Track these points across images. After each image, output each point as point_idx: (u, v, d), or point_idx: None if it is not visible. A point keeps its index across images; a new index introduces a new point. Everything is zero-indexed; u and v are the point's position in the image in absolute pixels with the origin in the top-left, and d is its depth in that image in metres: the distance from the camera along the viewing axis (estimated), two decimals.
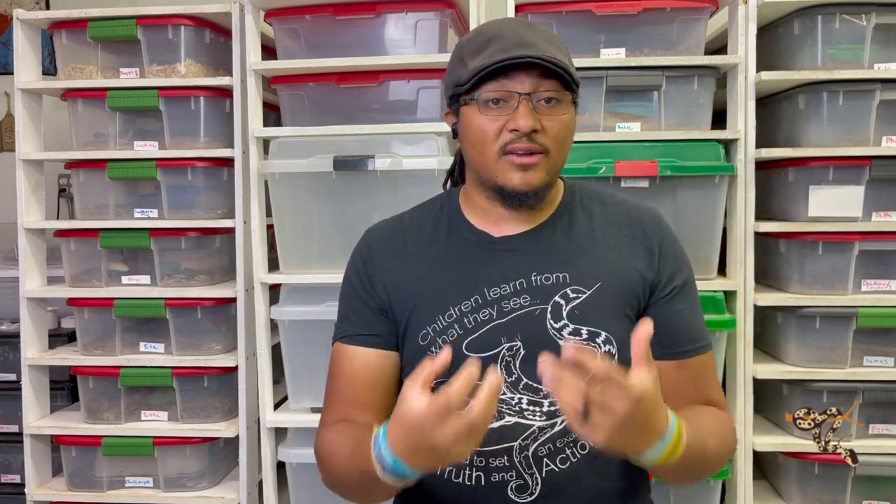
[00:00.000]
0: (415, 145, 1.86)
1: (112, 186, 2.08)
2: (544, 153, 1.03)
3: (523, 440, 1.04)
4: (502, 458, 1.04)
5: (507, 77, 1.01)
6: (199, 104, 2.03)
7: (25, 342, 2.10)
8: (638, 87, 1.89)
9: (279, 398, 2.04)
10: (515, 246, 1.09)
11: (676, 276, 1.11)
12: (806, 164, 1.85)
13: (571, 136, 1.07)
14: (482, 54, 1.02)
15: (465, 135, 1.07)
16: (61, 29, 2.06)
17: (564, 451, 1.04)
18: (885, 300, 1.85)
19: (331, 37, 1.95)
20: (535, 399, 1.04)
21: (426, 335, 1.08)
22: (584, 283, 1.06)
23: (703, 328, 1.14)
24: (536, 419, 1.04)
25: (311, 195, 1.89)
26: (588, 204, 1.14)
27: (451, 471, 1.07)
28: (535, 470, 1.04)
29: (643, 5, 1.86)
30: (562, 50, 1.05)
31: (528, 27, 1.05)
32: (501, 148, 1.02)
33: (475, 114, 1.04)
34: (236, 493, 2.05)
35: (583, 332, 1.05)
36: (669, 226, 1.15)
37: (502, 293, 1.07)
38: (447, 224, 1.14)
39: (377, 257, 1.14)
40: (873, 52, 1.84)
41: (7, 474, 2.42)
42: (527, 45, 1.01)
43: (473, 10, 1.89)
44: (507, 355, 1.05)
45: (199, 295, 2.02)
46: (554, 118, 1.03)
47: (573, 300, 1.06)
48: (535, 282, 1.07)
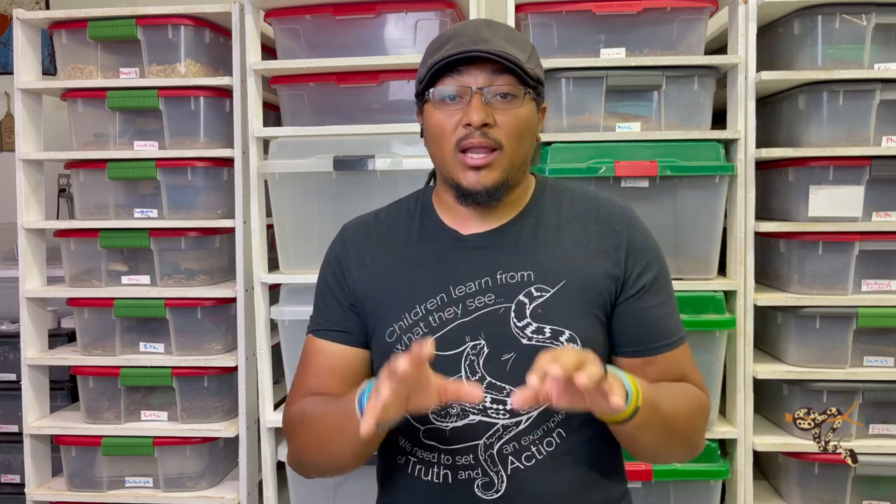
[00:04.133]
0: (415, 145, 1.86)
1: (112, 186, 2.08)
2: (498, 149, 1.03)
3: (488, 438, 1.05)
4: (468, 455, 1.05)
5: (461, 73, 1.02)
6: (198, 104, 2.03)
7: (25, 342, 2.10)
8: (638, 87, 1.89)
9: (279, 398, 2.04)
10: (483, 244, 1.09)
11: (645, 273, 1.09)
12: (806, 164, 1.85)
13: (529, 132, 1.07)
14: (439, 52, 1.03)
15: (427, 132, 1.08)
16: (61, 29, 2.06)
17: (530, 449, 1.05)
18: (885, 300, 1.85)
19: (331, 37, 1.95)
20: (499, 397, 1.05)
21: (392, 332, 1.08)
22: (548, 281, 1.06)
23: (676, 323, 1.12)
24: (500, 417, 1.05)
25: (310, 195, 1.89)
26: (557, 201, 1.13)
27: (420, 468, 1.08)
28: (501, 467, 1.05)
29: (643, 5, 1.86)
30: (522, 47, 1.05)
31: (488, 26, 1.06)
32: (457, 143, 1.03)
33: (433, 110, 1.05)
34: (236, 493, 2.05)
35: (546, 331, 1.04)
36: (641, 221, 1.14)
37: (468, 291, 1.07)
38: (419, 221, 1.15)
39: (350, 253, 1.15)
40: (873, 52, 1.85)
41: (7, 474, 2.42)
42: (481, 42, 1.01)
43: (473, 10, 1.89)
44: (472, 354, 1.06)
45: (199, 295, 2.02)
46: (507, 113, 1.03)
47: (537, 298, 1.05)
48: (500, 280, 1.07)
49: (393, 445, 1.12)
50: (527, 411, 1.05)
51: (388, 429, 0.97)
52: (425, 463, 1.08)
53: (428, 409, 0.94)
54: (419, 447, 1.08)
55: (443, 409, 1.06)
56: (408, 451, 1.10)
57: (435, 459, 1.07)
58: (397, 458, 1.11)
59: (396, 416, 0.91)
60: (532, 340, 1.04)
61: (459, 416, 1.05)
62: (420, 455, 1.08)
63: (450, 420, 1.06)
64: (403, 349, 1.07)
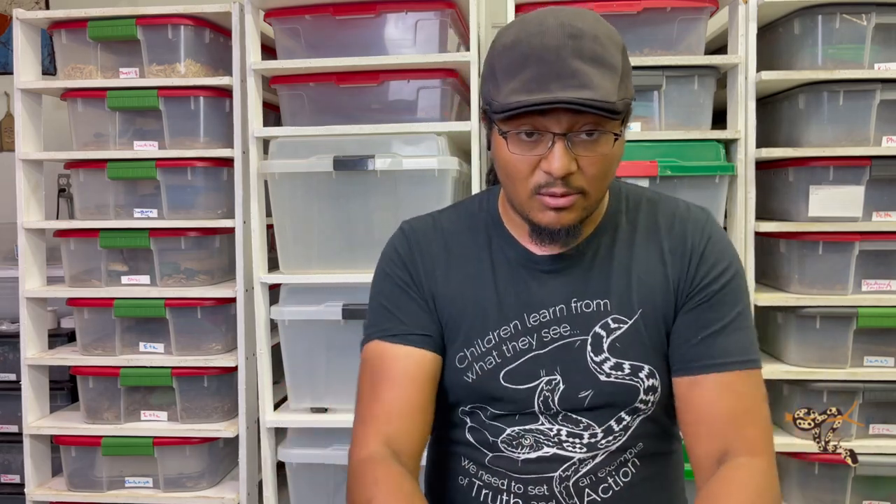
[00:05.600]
0: (415, 145, 1.86)
1: (112, 186, 2.08)
2: (580, 193, 0.92)
3: (563, 471, 1.00)
4: (542, 486, 1.00)
5: (542, 114, 0.87)
6: (198, 104, 2.02)
7: (25, 342, 2.10)
8: (638, 86, 1.88)
9: (279, 398, 2.04)
10: (557, 267, 1.01)
11: (710, 282, 0.98)
12: (806, 164, 1.85)
13: (615, 167, 0.95)
14: (515, 78, 0.88)
15: (497, 160, 0.96)
16: (61, 29, 2.06)
17: (606, 481, 1.00)
18: (886, 300, 1.85)
19: (331, 37, 1.95)
20: (575, 431, 1.00)
21: (463, 358, 1.01)
22: (625, 311, 0.99)
23: (741, 344, 0.97)
24: (577, 451, 1.00)
25: (310, 195, 1.89)
26: (633, 214, 1.03)
27: (487, 493, 1.02)
28: (577, 499, 1.00)
29: (643, 5, 1.86)
30: (611, 66, 0.88)
31: (572, 40, 0.87)
32: (535, 188, 0.92)
33: (506, 144, 0.91)
34: (236, 494, 2.04)
35: (625, 367, 0.98)
36: (719, 230, 1.03)
37: (542, 320, 1.00)
38: (485, 234, 1.05)
39: (419, 259, 1.05)
40: (873, 52, 1.84)
41: (7, 474, 2.42)
42: (566, 77, 0.85)
43: (473, 10, 1.89)
44: (546, 389, 0.99)
45: (199, 295, 2.02)
46: (594, 156, 0.90)
47: (614, 331, 0.98)
48: (574, 309, 0.99)
49: (454, 463, 1.06)
50: (604, 445, 1.00)
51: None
52: (493, 489, 1.02)
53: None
54: (485, 471, 1.03)
55: (514, 440, 1.01)
56: (472, 473, 1.04)
57: (504, 486, 1.01)
58: (459, 479, 1.06)
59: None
60: (611, 377, 0.98)
61: (532, 447, 1.00)
62: (486, 479, 1.03)
63: (521, 451, 1.01)
64: (473, 378, 1.01)
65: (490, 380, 0.99)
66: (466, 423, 1.05)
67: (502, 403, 1.01)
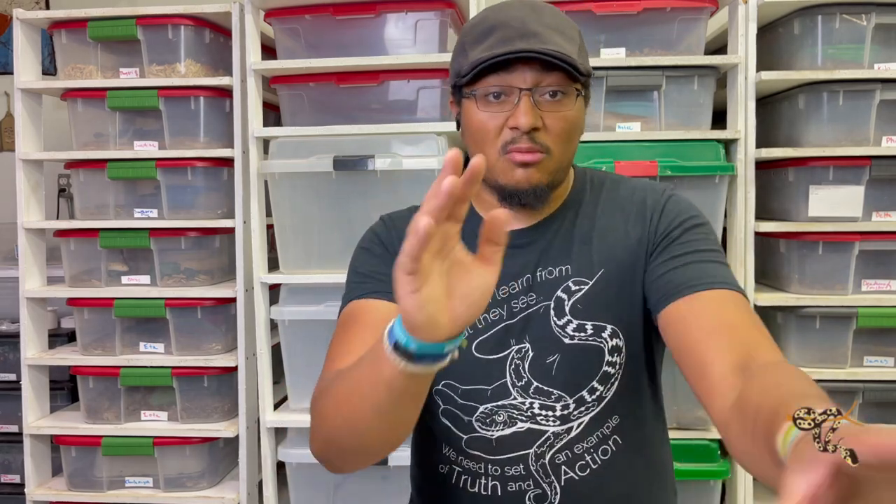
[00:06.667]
0: (415, 145, 1.86)
1: (112, 186, 2.08)
2: (545, 153, 0.96)
3: (538, 447, 1.00)
4: (517, 466, 1.00)
5: (508, 71, 0.94)
6: (198, 104, 2.02)
7: (25, 342, 2.10)
8: (638, 86, 1.89)
9: (279, 398, 2.04)
10: (523, 241, 1.03)
11: (674, 228, 0.99)
12: (806, 164, 1.85)
13: (577, 133, 1.00)
14: (483, 44, 0.96)
15: (467, 129, 1.02)
16: (61, 29, 2.06)
17: (584, 458, 1.00)
18: (885, 300, 1.85)
19: (331, 37, 1.95)
20: (547, 403, 1.00)
21: None
22: (585, 272, 1.00)
23: (720, 271, 0.95)
24: (550, 424, 1.00)
25: (310, 195, 1.89)
26: (596, 192, 1.07)
27: (466, 479, 1.03)
28: (554, 478, 1.00)
29: (643, 5, 1.86)
30: (570, 37, 0.97)
31: (535, 12, 0.97)
32: (503, 147, 0.96)
33: (475, 108, 0.97)
34: (236, 493, 2.05)
35: (587, 328, 0.99)
36: (682, 196, 1.04)
37: (511, 291, 1.02)
38: None
39: (396, 241, 1.05)
40: (873, 51, 1.84)
41: (7, 474, 2.42)
42: (530, 36, 0.93)
43: (473, 10, 1.89)
44: (517, 358, 1.01)
45: (199, 295, 2.02)
46: (558, 115, 0.96)
47: (575, 293, 1.00)
48: (539, 277, 1.02)
49: (435, 451, 1.07)
50: (577, 416, 1.00)
51: (432, 370, 0.76)
52: (471, 473, 1.03)
53: (481, 304, 0.73)
54: (463, 456, 1.03)
55: (488, 417, 1.01)
56: (452, 460, 1.05)
57: (482, 470, 1.02)
58: (440, 467, 1.06)
59: (438, 307, 0.70)
60: (575, 339, 0.99)
61: (506, 423, 1.00)
62: (465, 464, 1.03)
63: (496, 428, 1.01)
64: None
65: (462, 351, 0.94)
66: (440, 405, 1.04)
67: (474, 376, 1.01)
